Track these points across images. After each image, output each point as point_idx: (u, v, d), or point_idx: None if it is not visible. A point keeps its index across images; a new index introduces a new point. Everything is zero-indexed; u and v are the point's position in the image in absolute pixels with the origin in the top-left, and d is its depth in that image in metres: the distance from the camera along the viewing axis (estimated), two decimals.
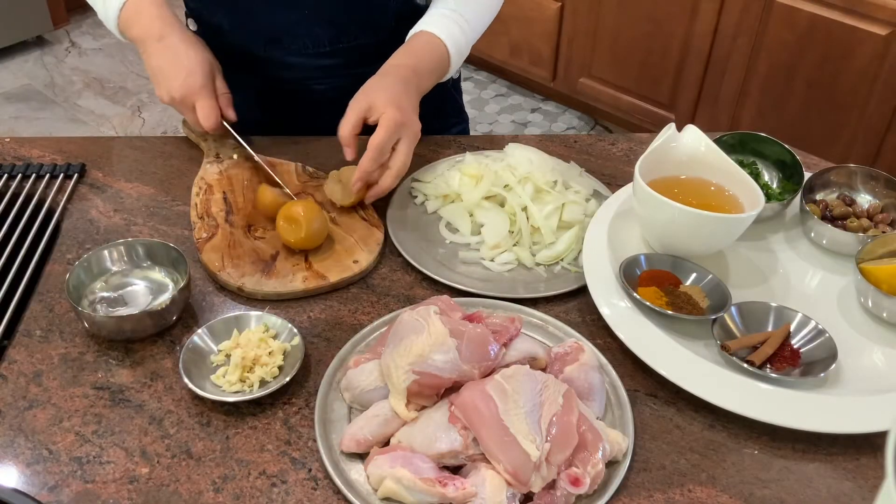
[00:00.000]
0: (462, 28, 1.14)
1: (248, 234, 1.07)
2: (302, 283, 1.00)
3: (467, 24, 1.14)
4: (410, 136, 1.06)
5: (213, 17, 1.22)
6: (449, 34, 1.13)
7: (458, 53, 1.14)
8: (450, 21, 1.14)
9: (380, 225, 1.09)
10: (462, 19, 1.14)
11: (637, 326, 0.92)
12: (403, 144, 1.05)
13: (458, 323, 0.84)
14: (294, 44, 1.20)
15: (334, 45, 1.21)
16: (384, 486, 0.76)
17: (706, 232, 0.97)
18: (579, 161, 1.22)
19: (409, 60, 1.11)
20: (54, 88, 3.34)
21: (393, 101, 1.05)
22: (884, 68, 2.24)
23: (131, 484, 0.79)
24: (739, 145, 1.16)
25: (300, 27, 1.18)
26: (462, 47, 1.15)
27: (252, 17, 1.17)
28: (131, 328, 0.92)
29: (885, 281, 0.95)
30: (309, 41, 1.20)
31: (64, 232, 1.09)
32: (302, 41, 1.20)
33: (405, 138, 1.05)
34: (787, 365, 0.89)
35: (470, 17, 1.15)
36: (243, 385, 0.87)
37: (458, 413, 0.79)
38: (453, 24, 1.13)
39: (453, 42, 1.13)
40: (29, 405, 0.87)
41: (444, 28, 1.13)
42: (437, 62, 1.13)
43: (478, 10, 1.17)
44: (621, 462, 0.81)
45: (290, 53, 1.22)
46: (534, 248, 1.07)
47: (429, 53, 1.13)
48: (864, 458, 0.84)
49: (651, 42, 2.71)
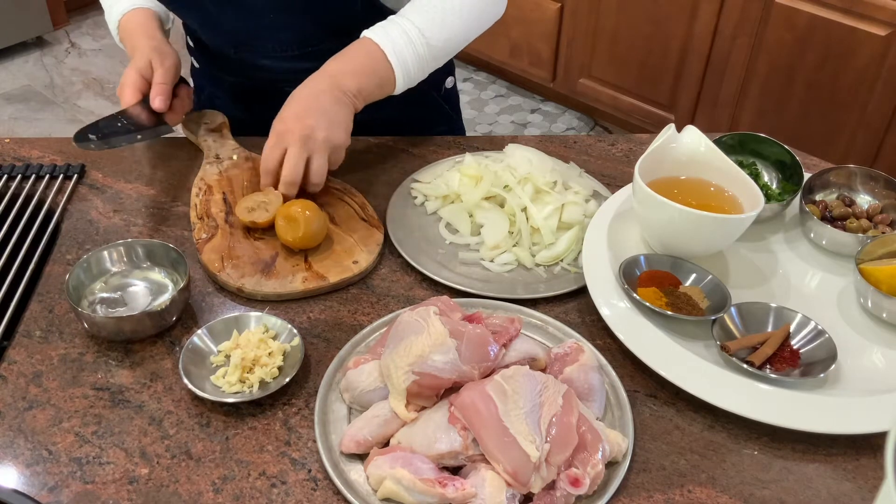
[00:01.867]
0: (410, 36, 1.08)
1: (248, 235, 1.07)
2: (301, 283, 1.00)
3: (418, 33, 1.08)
4: (304, 143, 1.03)
5: (185, 19, 1.25)
6: (389, 40, 1.08)
7: (400, 59, 1.08)
8: (396, 29, 1.09)
9: (380, 226, 1.09)
10: (411, 26, 1.08)
11: (637, 327, 0.92)
12: (291, 152, 1.03)
13: (458, 323, 0.84)
14: (261, 47, 1.20)
15: (303, 49, 1.20)
16: (384, 487, 0.76)
17: (706, 232, 0.97)
18: (579, 162, 1.22)
19: (331, 66, 1.08)
20: (54, 89, 3.34)
21: (281, 114, 1.05)
22: (883, 69, 2.24)
23: (131, 485, 0.79)
24: (739, 146, 1.16)
25: (266, 31, 1.18)
26: (405, 54, 1.08)
27: (218, 19, 1.17)
28: (131, 329, 0.92)
29: (884, 281, 0.95)
30: (275, 45, 1.20)
31: (64, 232, 1.09)
32: (269, 44, 1.20)
33: (293, 147, 1.03)
34: (787, 365, 0.89)
35: (424, 26, 1.09)
36: (243, 386, 0.87)
37: (458, 414, 0.79)
38: (397, 30, 1.08)
39: (393, 49, 1.07)
40: (29, 406, 0.87)
41: (383, 34, 1.08)
42: (371, 67, 1.08)
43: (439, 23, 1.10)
44: (621, 463, 0.81)
45: (260, 56, 1.22)
46: (533, 249, 1.07)
47: (359, 58, 1.08)
48: (864, 458, 0.84)
49: (651, 43, 2.71)
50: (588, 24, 2.84)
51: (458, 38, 1.14)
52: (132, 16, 1.19)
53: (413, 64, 1.10)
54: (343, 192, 1.14)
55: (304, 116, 1.04)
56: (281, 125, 1.04)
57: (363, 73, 1.07)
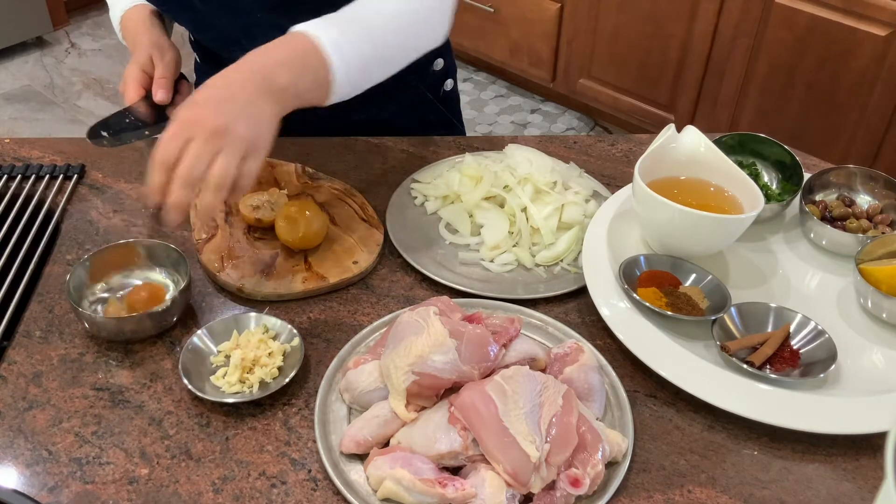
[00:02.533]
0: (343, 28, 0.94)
1: (248, 235, 1.07)
2: (301, 283, 1.00)
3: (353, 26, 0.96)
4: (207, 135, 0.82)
5: (177, 20, 1.24)
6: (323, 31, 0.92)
7: (338, 52, 0.92)
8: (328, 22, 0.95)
9: (379, 226, 1.09)
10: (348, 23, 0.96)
11: (637, 327, 0.92)
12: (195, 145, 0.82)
13: (458, 324, 0.84)
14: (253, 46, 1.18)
15: None
16: (384, 487, 0.76)
17: (705, 233, 0.97)
18: (579, 162, 1.22)
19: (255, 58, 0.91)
20: (54, 89, 3.34)
21: (192, 99, 0.87)
22: (883, 69, 2.24)
23: (131, 485, 0.79)
24: (739, 146, 1.16)
25: (255, 30, 1.16)
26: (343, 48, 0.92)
27: (209, 19, 1.17)
28: (131, 329, 0.92)
29: (884, 282, 0.95)
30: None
31: (64, 233, 1.09)
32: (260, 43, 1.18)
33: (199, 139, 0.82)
34: (787, 366, 0.89)
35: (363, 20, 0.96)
36: (243, 386, 0.87)
37: (458, 414, 0.79)
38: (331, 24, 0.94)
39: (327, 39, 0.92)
40: (28, 406, 0.87)
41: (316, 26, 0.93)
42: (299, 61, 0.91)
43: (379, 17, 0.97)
44: (621, 463, 0.81)
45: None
46: (533, 249, 1.07)
47: (284, 50, 0.92)
48: (864, 458, 0.84)
49: (650, 43, 2.71)
50: (588, 24, 2.84)
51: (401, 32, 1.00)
52: (133, 12, 1.19)
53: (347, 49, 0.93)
54: (343, 192, 1.14)
55: (220, 108, 0.85)
56: (188, 112, 0.84)
57: (293, 69, 0.90)
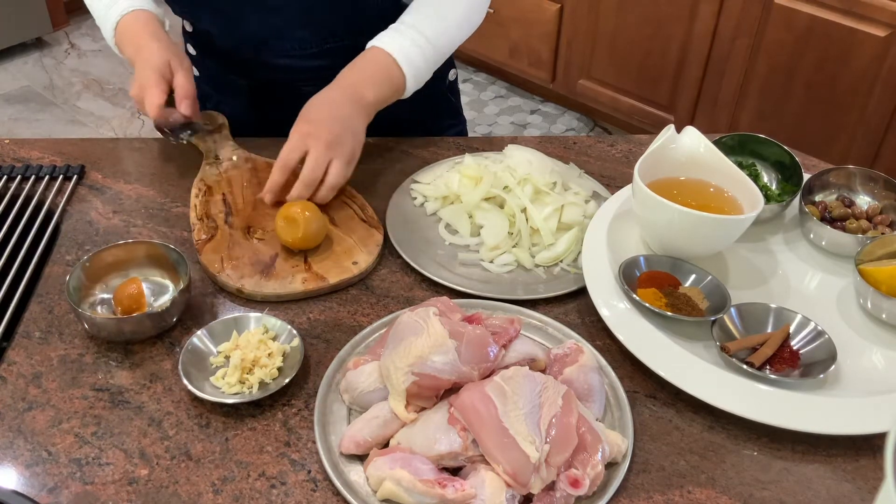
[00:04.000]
0: (416, 41, 1.12)
1: (248, 236, 1.07)
2: (301, 284, 1.00)
3: (423, 38, 1.12)
4: (330, 148, 1.04)
5: (200, 21, 1.23)
6: (399, 47, 1.11)
7: (411, 65, 1.11)
8: (401, 36, 1.12)
9: (379, 227, 1.09)
10: (417, 33, 1.12)
11: (636, 328, 0.92)
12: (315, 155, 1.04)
13: (458, 324, 0.84)
14: (280, 46, 1.20)
15: (321, 46, 1.21)
16: (384, 488, 0.76)
17: (705, 233, 0.97)
18: (578, 162, 1.22)
19: (348, 75, 1.11)
20: (53, 90, 3.34)
21: (304, 116, 1.07)
22: (883, 69, 2.24)
23: (130, 485, 0.79)
24: (738, 147, 1.16)
25: (285, 30, 1.18)
26: (415, 59, 1.12)
27: (237, 20, 1.18)
28: (131, 330, 0.92)
29: (884, 282, 0.95)
30: (295, 43, 1.20)
31: (63, 233, 1.09)
32: (288, 44, 1.20)
33: (317, 149, 1.04)
34: (787, 366, 0.89)
35: (428, 31, 1.13)
36: (243, 387, 0.87)
37: (458, 414, 0.79)
38: (404, 38, 1.12)
39: (404, 55, 1.11)
40: (28, 407, 0.87)
41: (392, 42, 1.11)
42: (384, 76, 1.11)
43: (439, 25, 1.14)
44: (621, 463, 0.81)
45: (277, 55, 1.22)
46: (533, 250, 1.07)
47: (373, 68, 1.11)
48: (864, 459, 0.84)
49: (650, 44, 2.71)
50: (588, 25, 2.84)
51: (456, 38, 1.18)
52: (134, 17, 1.18)
53: (422, 68, 1.13)
54: (342, 193, 1.14)
55: (330, 122, 1.06)
56: (306, 126, 1.05)
57: (379, 83, 1.10)
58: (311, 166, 1.04)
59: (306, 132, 1.05)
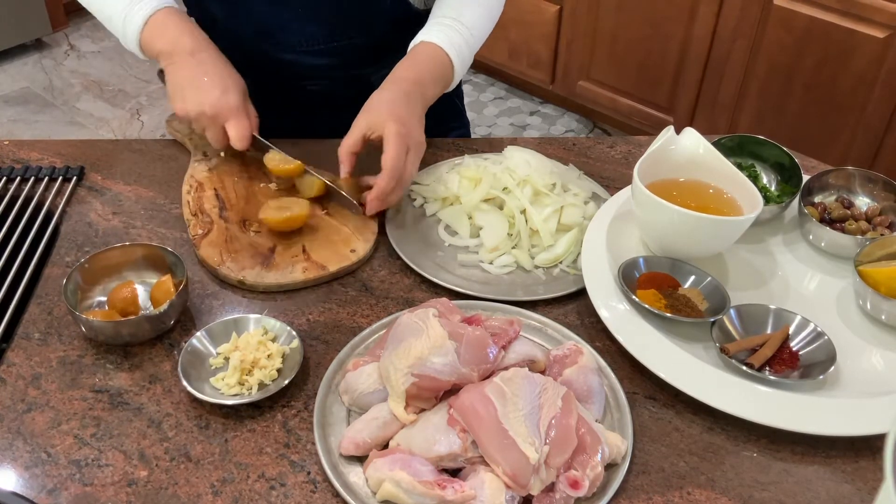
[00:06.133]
0: (463, 35, 1.13)
1: (244, 229, 1.08)
2: (302, 273, 1.01)
3: (468, 31, 1.14)
4: (416, 147, 1.06)
5: (208, 11, 1.22)
6: (451, 43, 1.12)
7: (461, 61, 1.13)
8: (450, 30, 1.12)
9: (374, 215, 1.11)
10: (462, 27, 1.13)
11: (636, 329, 0.92)
12: (414, 157, 1.06)
13: (457, 325, 0.84)
14: (287, 40, 1.20)
15: (328, 43, 1.21)
16: (383, 489, 0.76)
17: (705, 234, 0.97)
18: (578, 164, 1.22)
19: (411, 73, 1.10)
20: (53, 91, 3.34)
21: (393, 115, 1.05)
22: (882, 71, 2.24)
23: (130, 487, 0.79)
24: (738, 148, 1.16)
25: (293, 23, 1.18)
26: (465, 55, 1.13)
27: (245, 13, 1.17)
28: (129, 333, 0.92)
29: (883, 283, 0.95)
30: (302, 38, 1.20)
31: (63, 234, 1.09)
32: (295, 37, 1.20)
33: (414, 151, 1.05)
34: (786, 367, 0.89)
35: (470, 24, 1.14)
36: (242, 388, 0.87)
37: (457, 416, 0.79)
38: (454, 32, 1.12)
39: (456, 51, 1.12)
40: (27, 408, 0.87)
41: (444, 37, 1.12)
42: (441, 72, 1.12)
43: (477, 17, 1.15)
44: (620, 465, 0.81)
45: (283, 50, 1.21)
46: (533, 251, 1.07)
47: (430, 63, 1.11)
48: (863, 460, 0.84)
49: (649, 45, 2.72)
50: (587, 26, 2.85)
51: (490, 24, 1.19)
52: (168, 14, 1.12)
53: (467, 57, 1.14)
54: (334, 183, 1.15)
55: (415, 120, 1.07)
56: (401, 127, 1.04)
57: (438, 79, 1.12)
58: (411, 170, 1.05)
59: (405, 133, 1.04)
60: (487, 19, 1.18)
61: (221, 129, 1.10)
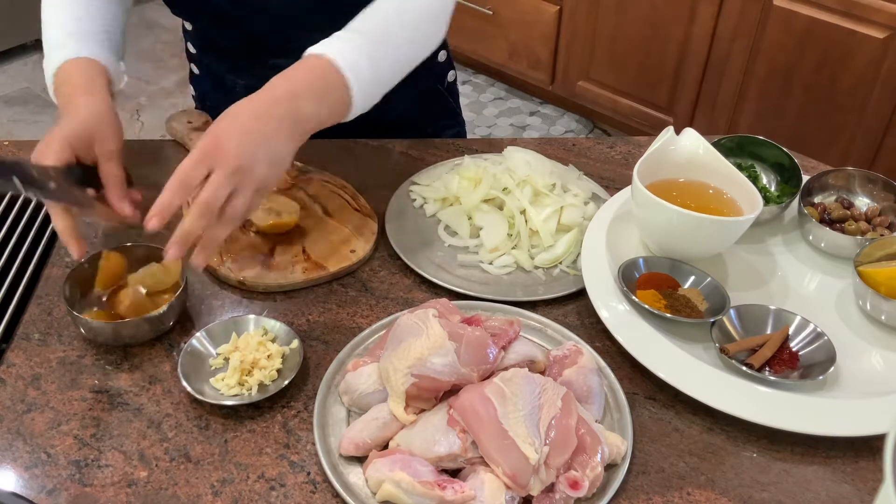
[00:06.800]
0: (359, 45, 0.94)
1: (244, 230, 1.08)
2: (302, 273, 1.01)
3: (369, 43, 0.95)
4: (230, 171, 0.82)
5: (197, 19, 1.22)
6: (339, 51, 0.92)
7: (355, 71, 0.92)
8: (342, 41, 0.94)
9: (373, 215, 1.11)
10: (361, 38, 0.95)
11: (636, 329, 0.92)
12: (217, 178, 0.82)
13: (457, 326, 0.84)
14: (278, 48, 1.19)
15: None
16: (383, 490, 0.76)
17: (704, 235, 0.97)
18: (578, 164, 1.22)
19: (281, 86, 0.90)
20: None
21: (215, 129, 0.86)
22: (882, 71, 2.24)
23: (130, 487, 0.79)
24: (738, 148, 1.16)
25: (284, 31, 1.18)
26: (360, 65, 0.92)
27: (235, 20, 1.17)
28: (129, 334, 0.92)
29: (883, 284, 0.95)
30: (294, 45, 1.20)
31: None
32: (286, 45, 1.19)
33: (221, 173, 0.82)
34: (786, 368, 0.89)
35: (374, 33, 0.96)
36: (242, 388, 0.87)
37: (457, 416, 0.79)
38: (346, 42, 0.94)
39: (344, 59, 0.92)
40: (27, 409, 0.87)
41: (332, 47, 0.93)
42: (322, 84, 0.91)
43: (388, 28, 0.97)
44: (620, 465, 0.81)
45: (275, 56, 1.21)
46: (532, 251, 1.07)
47: (307, 74, 0.92)
48: (863, 460, 0.84)
49: (649, 45, 2.72)
50: (587, 27, 2.85)
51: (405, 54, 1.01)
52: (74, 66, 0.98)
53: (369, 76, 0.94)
54: (333, 184, 1.15)
55: (245, 142, 0.84)
56: (213, 141, 0.84)
57: (319, 95, 0.90)
58: (210, 192, 0.82)
59: (211, 148, 0.84)
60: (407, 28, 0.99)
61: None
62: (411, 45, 1.01)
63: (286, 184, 1.15)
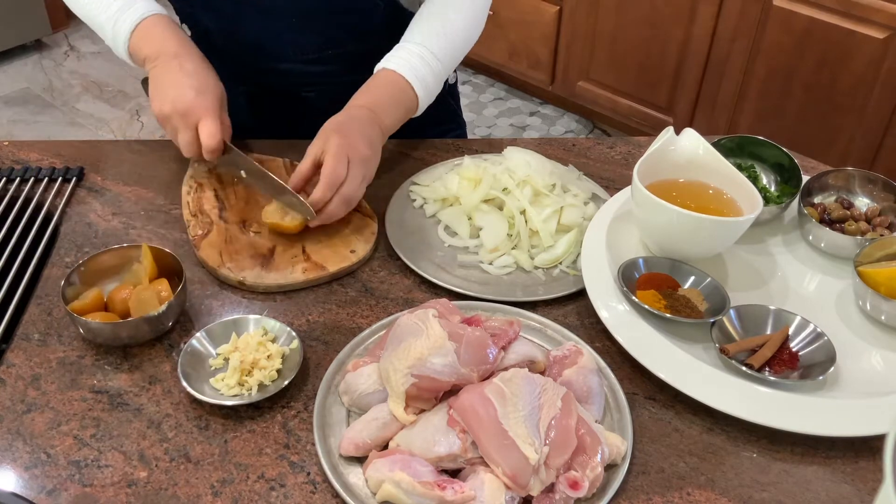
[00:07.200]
0: (426, 60, 1.11)
1: (244, 230, 1.08)
2: (302, 274, 1.01)
3: (433, 57, 1.12)
4: (359, 162, 1.03)
5: (201, 21, 1.22)
6: (410, 68, 1.10)
7: (424, 86, 1.12)
8: (413, 56, 1.11)
9: (373, 215, 1.11)
10: (427, 52, 1.11)
11: (635, 329, 0.92)
12: (354, 170, 1.03)
13: (457, 326, 0.84)
14: (280, 51, 1.20)
15: (322, 52, 1.21)
16: (383, 490, 0.76)
17: (704, 235, 0.97)
18: (578, 164, 1.22)
19: (366, 100, 1.10)
20: (53, 92, 3.34)
21: (338, 131, 1.04)
22: (882, 71, 2.24)
23: (129, 488, 0.79)
24: (737, 148, 1.16)
25: (286, 35, 1.18)
26: (427, 80, 1.12)
27: (238, 23, 1.17)
28: (128, 335, 0.92)
29: (883, 284, 0.95)
30: (296, 48, 1.20)
31: (62, 235, 1.09)
32: (287, 48, 1.20)
33: (356, 164, 1.03)
34: (786, 368, 0.89)
35: (437, 49, 1.12)
36: (242, 388, 0.87)
37: (457, 416, 0.79)
38: (416, 58, 1.11)
39: (416, 76, 1.10)
40: (27, 409, 0.87)
41: (405, 63, 1.10)
42: (398, 98, 1.11)
43: (446, 43, 1.14)
44: (620, 465, 0.81)
45: (276, 60, 1.22)
46: (532, 252, 1.07)
47: (388, 90, 1.10)
48: (863, 461, 0.84)
49: (649, 45, 2.72)
50: (586, 27, 2.85)
51: (460, 51, 1.18)
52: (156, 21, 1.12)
53: (433, 87, 1.13)
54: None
55: (364, 137, 1.05)
56: (343, 139, 1.03)
57: (395, 107, 1.10)
58: (351, 182, 1.03)
59: (346, 145, 1.02)
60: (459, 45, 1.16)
61: (193, 132, 1.07)
62: (462, 45, 1.18)
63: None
